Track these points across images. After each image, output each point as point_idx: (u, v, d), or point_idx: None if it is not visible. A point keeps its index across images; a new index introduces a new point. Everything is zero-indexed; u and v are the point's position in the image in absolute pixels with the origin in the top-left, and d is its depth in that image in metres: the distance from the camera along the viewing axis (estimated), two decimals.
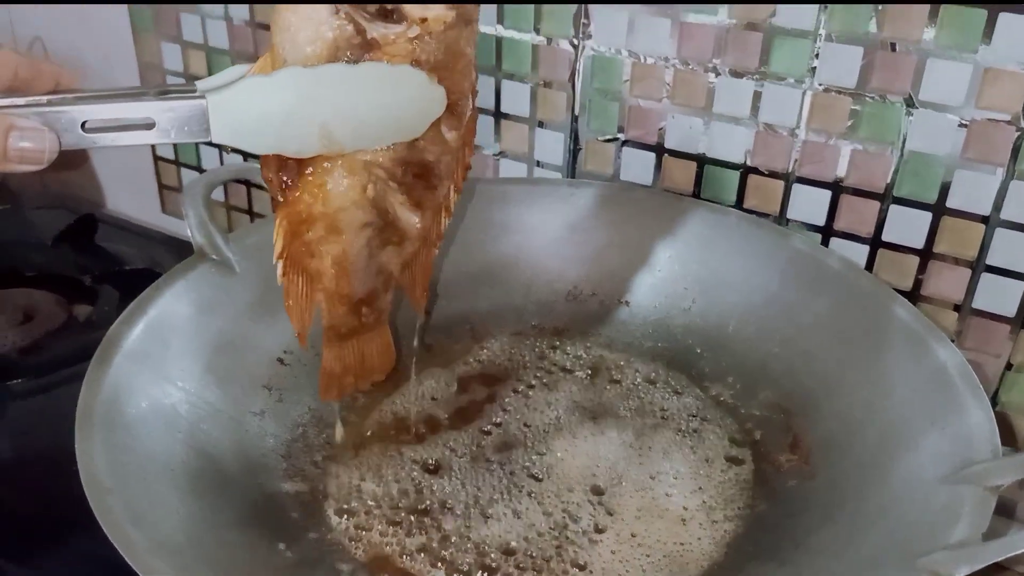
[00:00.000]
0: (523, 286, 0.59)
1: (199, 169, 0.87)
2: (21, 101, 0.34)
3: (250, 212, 0.84)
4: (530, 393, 0.52)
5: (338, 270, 0.40)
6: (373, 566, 0.41)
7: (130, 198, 0.93)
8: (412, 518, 0.43)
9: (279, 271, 0.39)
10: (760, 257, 0.54)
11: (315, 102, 0.35)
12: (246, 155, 0.41)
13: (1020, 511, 0.52)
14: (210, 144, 0.36)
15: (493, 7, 0.63)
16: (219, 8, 0.77)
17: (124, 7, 0.82)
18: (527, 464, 0.47)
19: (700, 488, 0.45)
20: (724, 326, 0.54)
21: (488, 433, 0.49)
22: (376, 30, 0.34)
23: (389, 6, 0.34)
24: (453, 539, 0.42)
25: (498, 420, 0.50)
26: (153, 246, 0.79)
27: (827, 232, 0.57)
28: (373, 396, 0.51)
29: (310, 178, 0.37)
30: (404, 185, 0.38)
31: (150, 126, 0.35)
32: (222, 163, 0.85)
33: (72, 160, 0.36)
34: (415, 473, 0.46)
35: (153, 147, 0.88)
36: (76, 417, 0.38)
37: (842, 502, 0.41)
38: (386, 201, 0.39)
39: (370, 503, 0.44)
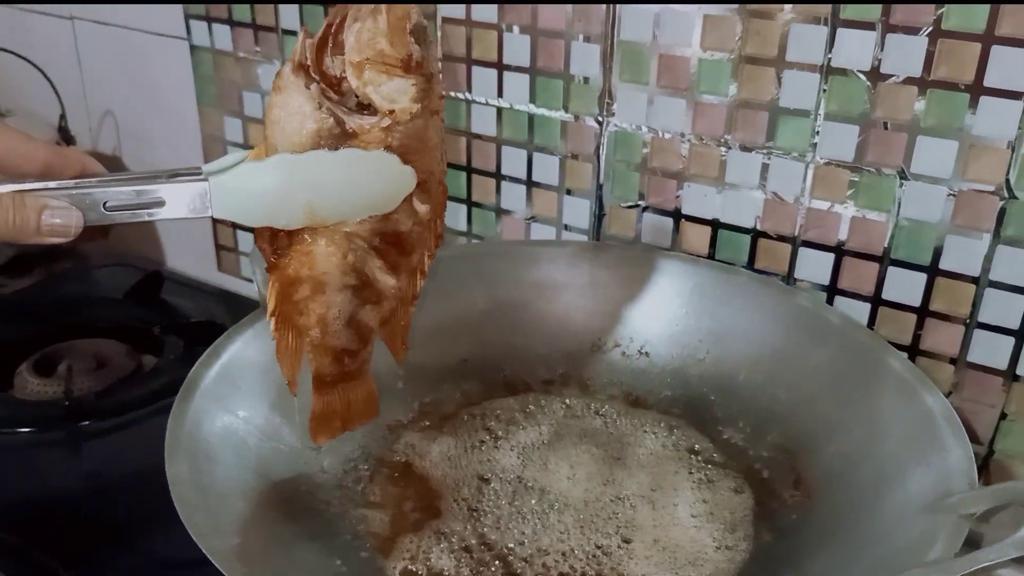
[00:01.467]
0: (552, 338, 0.64)
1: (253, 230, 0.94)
2: (52, 185, 0.39)
3: None
4: (557, 434, 0.57)
5: (322, 325, 0.45)
6: None
7: (188, 257, 1.00)
8: (462, 545, 0.48)
9: (271, 327, 0.44)
10: (768, 313, 0.59)
11: (301, 183, 0.40)
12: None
13: (986, 542, 0.56)
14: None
15: (527, 90, 0.70)
16: None
17: (191, 84, 0.91)
18: (553, 499, 0.52)
19: (712, 515, 0.50)
20: (735, 375, 0.59)
21: (517, 471, 0.54)
22: (353, 122, 0.39)
23: (364, 101, 0.39)
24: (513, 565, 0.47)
25: (524, 458, 0.55)
26: (211, 300, 0.86)
27: (832, 291, 0.62)
28: (411, 434, 0.57)
29: (298, 247, 0.42)
30: (381, 252, 0.44)
31: (161, 204, 0.40)
32: None
33: (95, 233, 0.42)
34: (452, 506, 0.51)
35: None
36: (165, 444, 0.44)
37: (837, 532, 0.46)
38: (365, 266, 0.44)
39: (421, 537, 0.49)
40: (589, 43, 0.66)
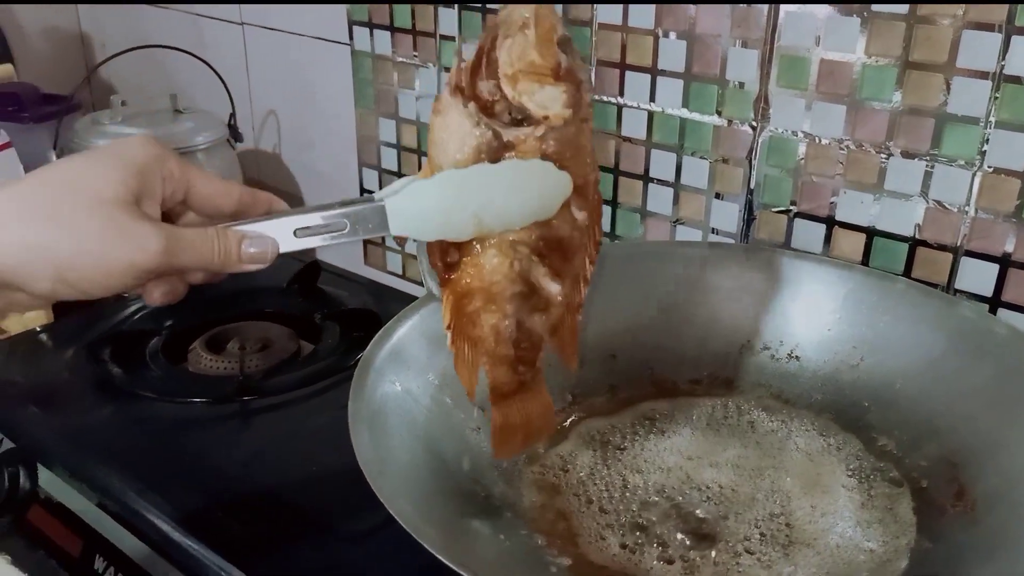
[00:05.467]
0: (699, 339, 0.65)
1: None
2: (247, 221, 0.43)
3: None
4: (704, 431, 0.58)
5: (495, 334, 0.46)
6: (579, 566, 0.47)
7: (337, 251, 1.06)
8: (618, 527, 0.50)
9: (448, 340, 0.46)
10: (928, 322, 0.58)
11: (467, 196, 0.42)
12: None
13: None
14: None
15: (680, 94, 0.71)
16: (432, 88, 0.89)
17: (350, 87, 0.96)
18: (705, 491, 0.53)
19: (870, 518, 0.50)
20: (891, 384, 0.58)
21: (666, 464, 0.55)
22: (510, 134, 0.41)
23: (518, 113, 0.42)
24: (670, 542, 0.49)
25: (672, 452, 0.56)
26: (362, 291, 0.90)
27: (994, 303, 0.61)
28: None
29: (468, 259, 0.44)
30: (545, 258, 0.45)
31: (343, 228, 0.43)
32: None
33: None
34: (613, 494, 0.53)
35: None
36: (348, 415, 0.47)
37: (1002, 546, 0.45)
38: (530, 273, 0.45)
39: (575, 521, 0.51)
40: (746, 48, 0.67)
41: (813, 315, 0.62)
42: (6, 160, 0.84)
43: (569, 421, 0.60)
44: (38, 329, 0.83)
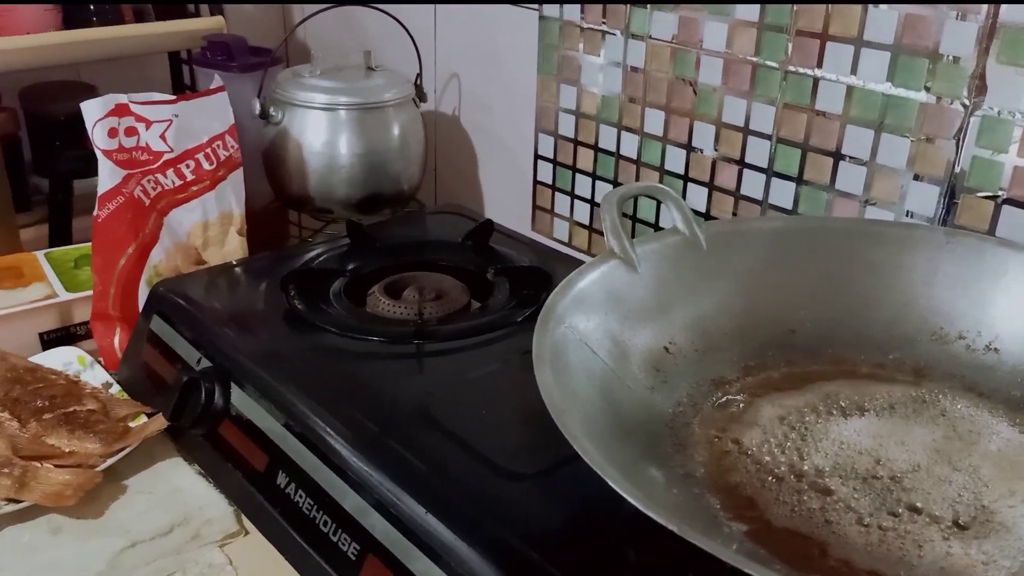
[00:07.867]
0: (886, 321, 0.62)
1: (571, 194, 0.99)
2: None
3: (655, 226, 0.91)
4: (889, 415, 0.56)
5: None
6: (759, 531, 0.47)
7: (507, 214, 1.08)
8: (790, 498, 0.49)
9: None
10: None
11: None
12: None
13: None
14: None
15: (884, 68, 0.68)
16: (618, 55, 0.89)
17: (534, 53, 0.97)
18: (891, 468, 0.51)
19: None
20: None
21: (842, 440, 0.53)
22: None
23: None
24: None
25: (851, 429, 0.54)
26: (529, 251, 0.92)
27: None
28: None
29: None
30: None
31: None
32: (593, 188, 0.97)
33: None
34: (783, 456, 0.52)
35: (535, 171, 1.03)
36: (532, 356, 0.49)
37: None
38: None
39: (744, 488, 0.51)
40: (964, 21, 0.63)
41: (1019, 307, 0.59)
42: (219, 102, 0.90)
43: (741, 390, 0.59)
44: (234, 263, 0.90)
